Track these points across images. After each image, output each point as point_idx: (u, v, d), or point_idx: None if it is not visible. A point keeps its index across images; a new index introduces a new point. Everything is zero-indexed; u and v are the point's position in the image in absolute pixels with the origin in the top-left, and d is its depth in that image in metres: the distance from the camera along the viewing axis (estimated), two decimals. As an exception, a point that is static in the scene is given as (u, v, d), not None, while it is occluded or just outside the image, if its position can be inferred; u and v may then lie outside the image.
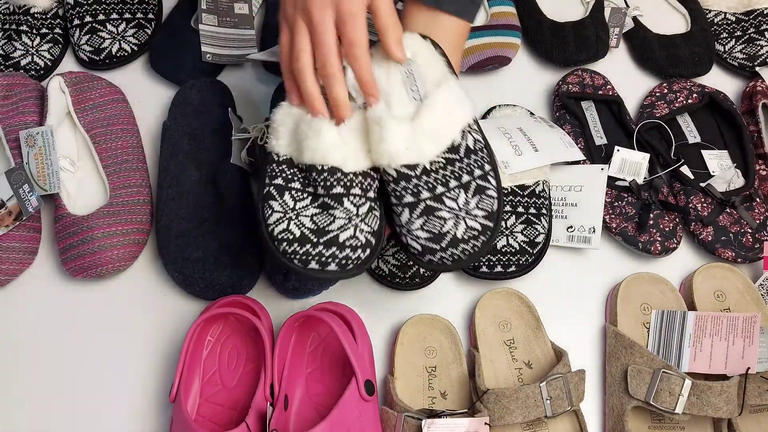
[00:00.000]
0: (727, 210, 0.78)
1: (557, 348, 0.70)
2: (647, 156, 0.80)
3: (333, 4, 0.55)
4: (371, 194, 0.59)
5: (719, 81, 0.91)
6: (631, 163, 0.80)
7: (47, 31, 0.89)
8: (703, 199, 0.79)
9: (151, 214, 0.78)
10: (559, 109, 0.86)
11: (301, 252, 0.56)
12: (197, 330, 0.67)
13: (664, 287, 0.74)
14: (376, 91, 0.57)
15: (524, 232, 0.74)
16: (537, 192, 0.76)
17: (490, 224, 0.57)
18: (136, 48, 0.89)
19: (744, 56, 0.91)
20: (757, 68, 0.89)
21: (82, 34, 0.88)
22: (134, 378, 0.71)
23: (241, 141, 0.78)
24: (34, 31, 0.89)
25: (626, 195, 0.79)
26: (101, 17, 0.89)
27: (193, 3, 0.89)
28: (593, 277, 0.78)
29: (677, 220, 0.78)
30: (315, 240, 0.56)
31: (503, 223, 0.75)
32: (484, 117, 0.85)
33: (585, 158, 0.80)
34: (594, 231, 0.76)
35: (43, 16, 0.90)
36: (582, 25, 0.90)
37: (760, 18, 0.93)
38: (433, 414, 0.64)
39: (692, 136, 0.85)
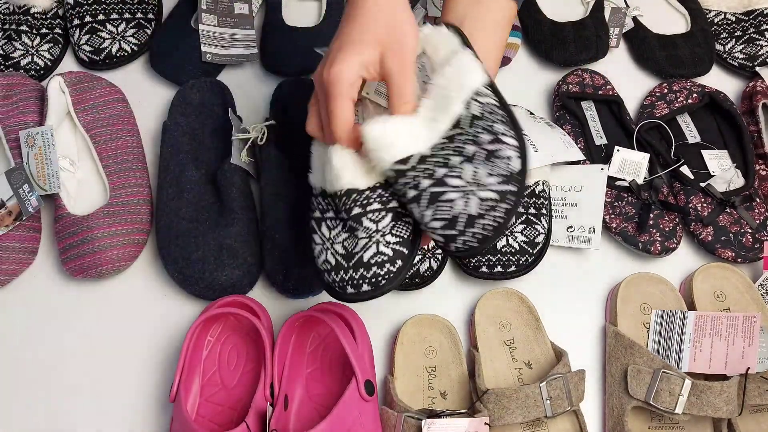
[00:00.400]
0: (727, 210, 0.78)
1: (557, 348, 0.70)
2: (647, 156, 0.80)
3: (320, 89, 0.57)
4: (393, 204, 0.57)
5: (719, 81, 0.91)
6: (631, 163, 0.80)
7: (47, 31, 0.89)
8: (703, 199, 0.79)
9: (151, 214, 0.78)
10: (559, 109, 0.86)
11: (338, 279, 0.57)
12: (197, 330, 0.67)
13: (664, 287, 0.74)
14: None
15: (524, 232, 0.74)
16: (537, 192, 0.76)
17: (510, 188, 0.53)
18: (136, 48, 0.89)
19: (744, 56, 0.91)
20: (757, 68, 0.89)
21: (82, 34, 0.88)
22: (134, 378, 0.71)
23: (241, 141, 0.78)
24: (34, 31, 0.89)
25: (626, 195, 0.79)
26: (101, 17, 0.89)
27: (193, 3, 0.89)
28: (593, 277, 0.78)
29: (677, 220, 0.78)
30: (346, 265, 0.57)
31: None
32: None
33: (585, 158, 0.80)
34: (594, 231, 0.76)
35: (43, 16, 0.90)
36: (582, 25, 0.90)
37: (760, 18, 0.93)
38: (433, 414, 0.64)
39: (692, 136, 0.85)
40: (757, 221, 0.77)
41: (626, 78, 0.91)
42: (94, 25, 0.88)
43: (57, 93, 0.80)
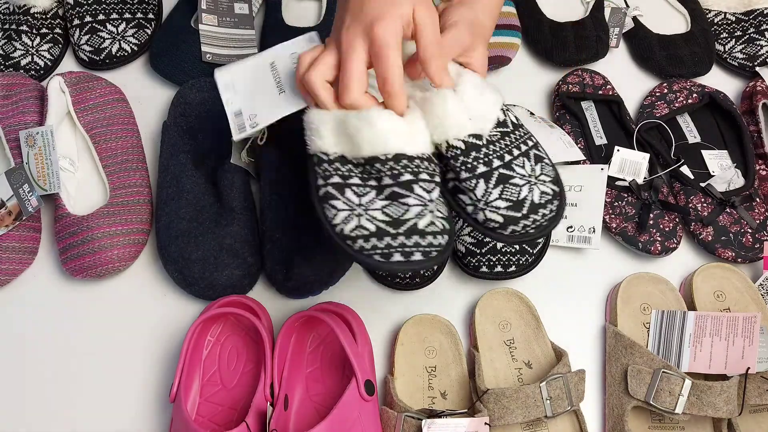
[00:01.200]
0: (727, 210, 0.78)
1: (557, 348, 0.70)
2: (647, 156, 0.80)
3: (365, 35, 0.54)
4: (437, 179, 0.57)
5: (719, 81, 0.91)
6: (631, 163, 0.80)
7: (47, 31, 0.89)
8: (703, 199, 0.79)
9: (150, 214, 0.78)
10: (558, 109, 0.86)
11: (381, 246, 0.53)
12: (197, 330, 0.67)
13: (664, 287, 0.74)
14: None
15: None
16: None
17: (558, 189, 0.57)
18: (136, 48, 0.89)
19: (744, 56, 0.91)
20: (757, 68, 0.89)
21: (82, 34, 0.88)
22: (134, 378, 0.71)
23: (241, 141, 0.78)
24: (34, 31, 0.89)
25: (626, 195, 0.79)
26: (101, 17, 0.89)
27: (193, 3, 0.89)
28: (593, 277, 0.78)
29: (677, 220, 0.78)
30: (394, 231, 0.54)
31: None
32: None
33: (585, 158, 0.80)
34: (594, 231, 0.76)
35: (43, 16, 0.90)
36: (582, 25, 0.90)
37: (760, 18, 0.93)
38: (433, 414, 0.64)
39: (692, 136, 0.85)
40: (757, 221, 0.77)
41: (626, 78, 0.91)
42: (94, 25, 0.88)
43: (57, 93, 0.80)
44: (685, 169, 0.81)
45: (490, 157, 0.56)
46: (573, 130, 0.83)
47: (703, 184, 0.79)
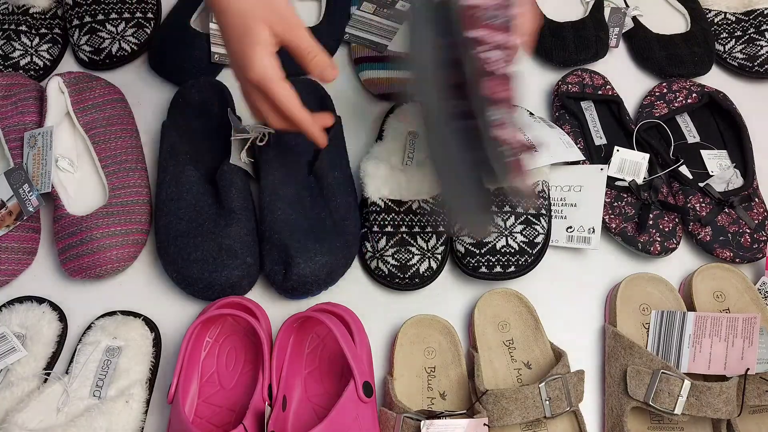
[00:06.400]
0: (726, 210, 0.78)
1: (556, 348, 0.70)
2: (647, 156, 0.80)
3: (248, 83, 0.60)
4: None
5: (719, 81, 0.91)
6: (631, 163, 0.80)
7: (46, 31, 0.89)
8: (701, 199, 0.78)
9: (150, 214, 0.78)
10: (558, 109, 0.86)
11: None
12: (196, 331, 0.67)
13: (664, 287, 0.74)
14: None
15: (524, 233, 0.74)
16: (536, 192, 0.76)
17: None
18: (135, 48, 0.89)
19: (744, 56, 0.91)
20: (757, 68, 0.89)
21: (82, 34, 0.88)
22: (133, 378, 0.71)
23: (241, 141, 0.78)
24: (33, 31, 0.89)
25: (626, 195, 0.79)
26: (100, 17, 0.89)
27: (193, 2, 0.89)
28: (593, 278, 0.78)
29: (677, 220, 0.78)
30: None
31: (503, 224, 0.75)
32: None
33: (584, 158, 0.80)
34: (593, 231, 0.76)
35: (43, 16, 0.90)
36: (582, 25, 0.90)
37: (760, 18, 0.93)
38: (432, 415, 0.63)
39: (691, 135, 0.85)
40: (756, 221, 0.77)
41: (626, 78, 0.91)
42: (93, 25, 0.88)
43: (56, 93, 0.80)
44: (684, 169, 0.81)
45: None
46: (572, 130, 0.83)
47: (701, 184, 0.79)
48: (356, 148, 0.84)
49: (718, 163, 0.82)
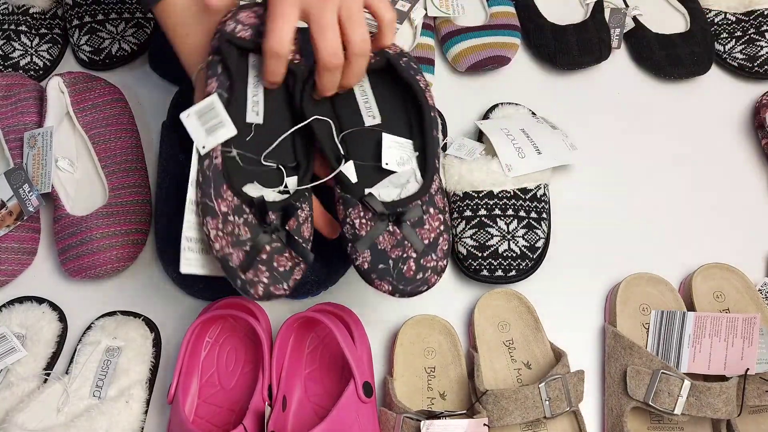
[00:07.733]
0: (390, 228, 0.57)
1: (556, 348, 0.70)
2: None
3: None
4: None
5: (719, 81, 0.91)
6: None
7: (46, 31, 0.89)
8: (362, 214, 0.57)
9: (150, 214, 0.78)
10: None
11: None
12: (195, 331, 0.67)
13: (664, 287, 0.74)
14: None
15: (525, 237, 0.74)
16: (538, 196, 0.76)
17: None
18: (135, 48, 0.89)
19: (744, 57, 0.91)
20: (756, 69, 0.89)
21: (82, 34, 0.88)
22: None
23: (240, 141, 0.78)
24: (33, 32, 0.89)
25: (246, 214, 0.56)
26: (100, 17, 0.89)
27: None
28: (592, 278, 0.78)
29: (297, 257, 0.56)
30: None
31: (505, 227, 0.74)
32: (485, 116, 0.85)
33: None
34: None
35: (42, 17, 0.90)
36: (584, 28, 0.89)
37: (760, 18, 0.93)
38: (431, 415, 0.63)
39: (370, 116, 0.61)
40: (427, 240, 0.57)
41: (626, 78, 0.91)
42: (93, 25, 0.88)
43: (56, 93, 0.80)
44: (349, 169, 0.59)
45: None
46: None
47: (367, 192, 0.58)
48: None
49: (399, 156, 0.59)
